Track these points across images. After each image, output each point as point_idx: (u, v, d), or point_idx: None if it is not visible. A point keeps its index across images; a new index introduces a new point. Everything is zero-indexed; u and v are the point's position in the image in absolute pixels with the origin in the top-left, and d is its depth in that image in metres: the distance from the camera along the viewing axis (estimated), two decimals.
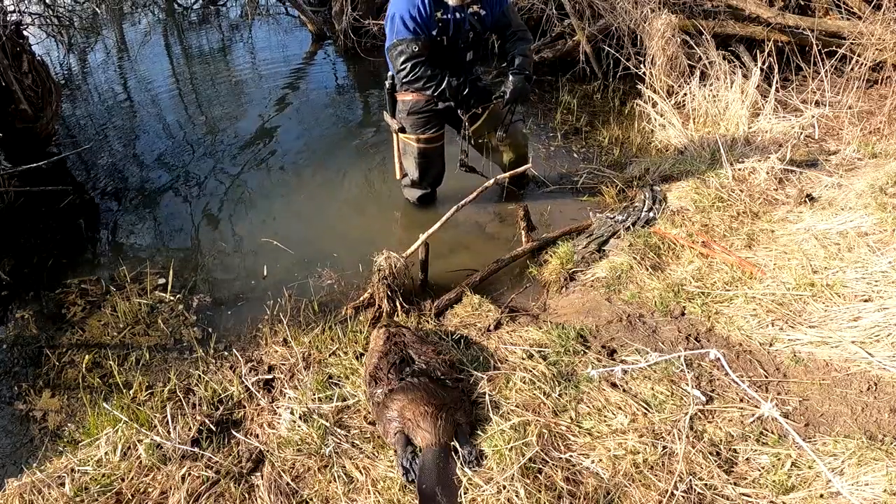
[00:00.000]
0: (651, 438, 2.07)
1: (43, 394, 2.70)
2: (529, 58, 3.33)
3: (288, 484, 2.04)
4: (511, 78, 3.26)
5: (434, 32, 3.14)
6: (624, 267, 3.05)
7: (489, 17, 3.26)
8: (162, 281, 3.27)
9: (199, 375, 2.59)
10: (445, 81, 3.20)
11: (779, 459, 1.98)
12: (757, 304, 2.66)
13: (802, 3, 5.30)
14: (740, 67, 4.60)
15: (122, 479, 2.08)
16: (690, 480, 1.93)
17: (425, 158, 3.56)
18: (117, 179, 4.33)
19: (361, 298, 2.97)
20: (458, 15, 3.15)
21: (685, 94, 4.59)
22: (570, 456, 2.04)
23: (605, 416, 2.19)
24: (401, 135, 3.54)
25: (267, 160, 4.49)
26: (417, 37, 3.10)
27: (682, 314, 2.73)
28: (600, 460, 2.02)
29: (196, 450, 2.18)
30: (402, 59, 3.15)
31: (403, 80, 3.24)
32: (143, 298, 3.15)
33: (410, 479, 1.98)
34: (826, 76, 4.40)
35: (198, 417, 2.31)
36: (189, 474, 2.07)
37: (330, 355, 2.63)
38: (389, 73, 3.41)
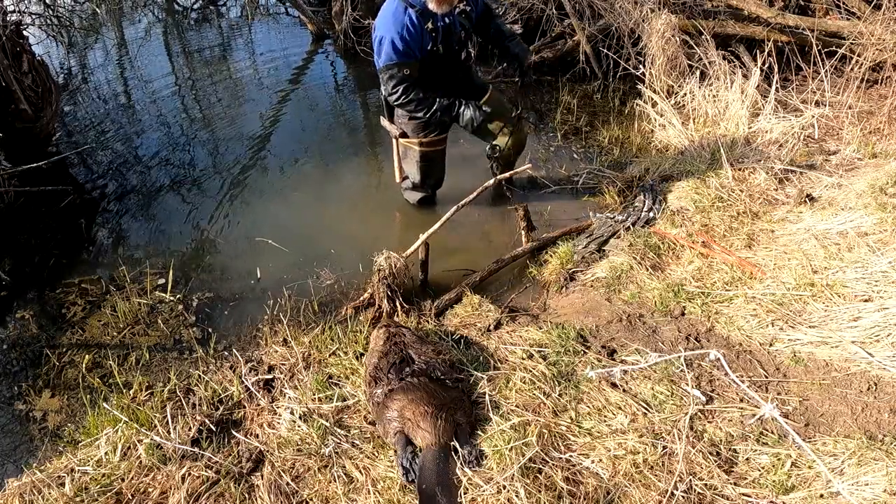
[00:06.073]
0: (651, 438, 2.07)
1: (43, 394, 2.70)
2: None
3: (288, 484, 2.04)
4: (511, 48, 3.35)
5: (429, 47, 3.10)
6: (624, 267, 3.04)
7: (475, 12, 3.27)
8: (162, 281, 3.27)
9: (199, 375, 2.60)
10: (436, 104, 3.20)
11: (779, 459, 1.98)
12: (757, 304, 2.66)
13: (802, 3, 5.29)
14: (740, 67, 4.60)
15: (122, 479, 2.08)
16: (690, 480, 1.93)
17: (427, 161, 3.55)
18: (117, 179, 4.33)
19: (361, 298, 2.98)
20: (447, 20, 3.11)
21: (685, 94, 4.58)
22: (570, 456, 2.04)
23: (605, 416, 2.19)
24: (401, 140, 3.53)
25: (266, 160, 4.49)
26: (408, 60, 3.06)
27: (682, 314, 2.73)
28: (600, 460, 2.02)
29: (196, 450, 2.18)
30: (392, 83, 3.12)
31: (395, 104, 3.23)
32: (143, 298, 3.15)
33: (410, 479, 1.98)
34: (826, 76, 4.40)
35: (198, 417, 2.31)
36: (189, 474, 2.07)
37: (330, 355, 2.63)
38: None
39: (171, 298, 3.17)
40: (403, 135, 3.48)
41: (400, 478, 2.00)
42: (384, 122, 3.58)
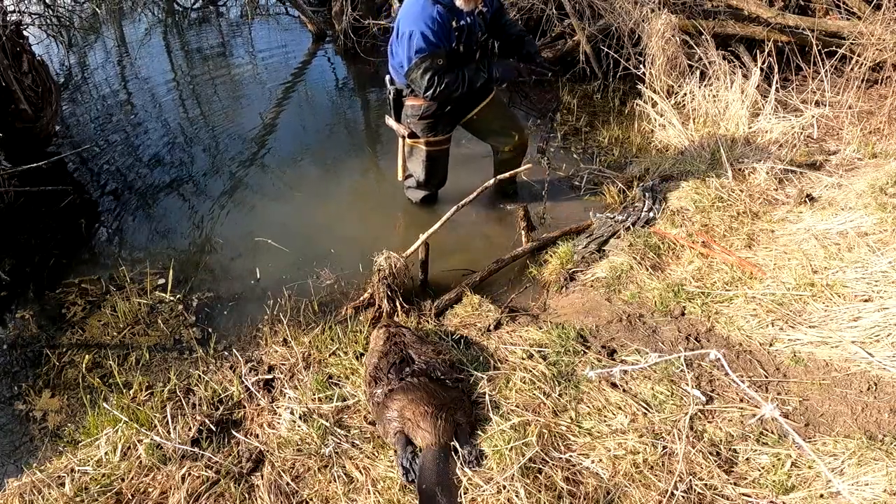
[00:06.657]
0: (651, 438, 2.07)
1: (43, 394, 2.70)
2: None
3: (288, 484, 2.04)
4: (525, 46, 3.42)
5: (453, 44, 3.13)
6: (624, 267, 3.04)
7: (489, 12, 3.31)
8: (162, 281, 3.27)
9: (199, 375, 2.60)
10: (468, 74, 3.21)
11: (779, 459, 1.98)
12: (757, 304, 2.66)
13: (802, 3, 5.30)
14: (740, 67, 4.60)
15: (122, 479, 2.08)
16: (690, 480, 1.93)
17: (433, 161, 3.56)
18: (117, 179, 4.33)
19: (361, 298, 2.98)
20: (468, 20, 3.16)
21: (685, 94, 4.58)
22: (570, 456, 2.04)
23: (605, 416, 2.19)
24: (409, 139, 3.53)
25: (266, 159, 4.50)
26: (438, 49, 3.08)
27: (682, 314, 2.73)
28: (600, 460, 2.02)
29: (196, 450, 2.18)
30: (428, 75, 3.11)
31: (434, 96, 3.20)
32: (143, 298, 3.15)
33: (410, 479, 1.98)
34: (826, 76, 4.40)
35: (198, 417, 2.31)
36: (189, 474, 2.07)
37: (330, 355, 2.63)
38: (388, 77, 3.41)
39: (171, 298, 3.17)
40: (412, 135, 3.49)
41: (400, 478, 2.00)
42: (390, 121, 3.57)
